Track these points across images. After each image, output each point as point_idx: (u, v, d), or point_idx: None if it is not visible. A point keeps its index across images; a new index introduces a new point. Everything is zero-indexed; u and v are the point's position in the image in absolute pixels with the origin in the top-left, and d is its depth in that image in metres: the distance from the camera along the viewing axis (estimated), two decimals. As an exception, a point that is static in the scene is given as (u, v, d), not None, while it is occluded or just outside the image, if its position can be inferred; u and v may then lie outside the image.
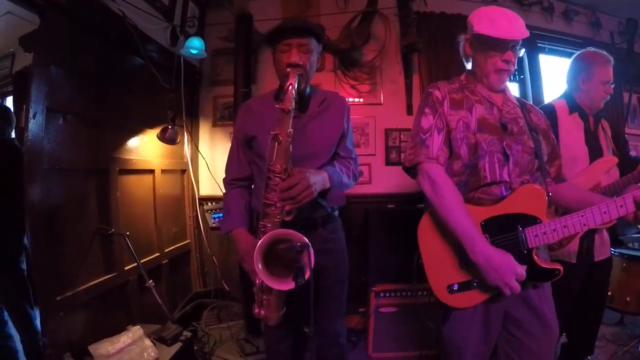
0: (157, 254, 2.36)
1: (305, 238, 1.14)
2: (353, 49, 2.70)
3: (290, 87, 1.23)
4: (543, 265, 1.19)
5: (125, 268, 2.03)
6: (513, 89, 3.28)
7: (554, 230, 1.17)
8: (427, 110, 1.35)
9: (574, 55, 1.88)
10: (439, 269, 1.26)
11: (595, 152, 1.79)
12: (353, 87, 2.90)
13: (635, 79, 3.40)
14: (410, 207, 2.52)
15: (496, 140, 1.28)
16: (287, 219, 1.24)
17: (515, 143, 1.30)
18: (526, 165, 1.30)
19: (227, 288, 2.72)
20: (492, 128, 1.30)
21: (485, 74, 1.33)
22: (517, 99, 1.44)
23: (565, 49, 3.22)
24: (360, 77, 2.86)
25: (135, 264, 1.92)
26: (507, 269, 1.09)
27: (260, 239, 1.21)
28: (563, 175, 1.45)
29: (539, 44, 3.18)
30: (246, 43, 2.51)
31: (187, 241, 2.80)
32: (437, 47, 2.85)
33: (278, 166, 1.23)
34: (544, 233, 1.17)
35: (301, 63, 1.33)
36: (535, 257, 1.19)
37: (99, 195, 1.92)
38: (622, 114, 3.39)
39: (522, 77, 3.18)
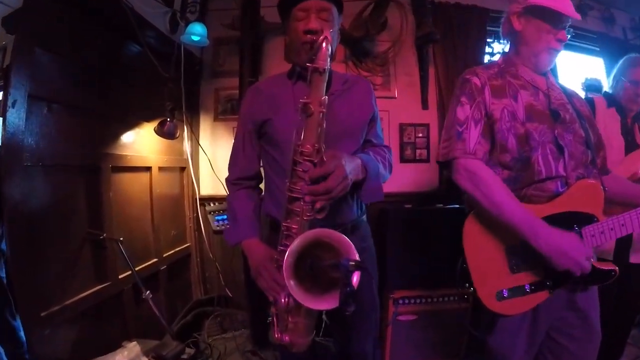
0: (155, 260, 2.15)
1: (352, 245, 0.93)
2: (366, 38, 2.51)
3: (324, 42, 1.00)
4: (599, 267, 1.11)
5: (120, 276, 1.82)
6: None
7: (612, 229, 1.10)
8: (463, 99, 1.22)
9: (623, 58, 1.90)
10: (488, 274, 1.15)
11: (630, 145, 1.79)
12: (365, 79, 2.70)
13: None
14: (429, 207, 2.36)
15: (547, 129, 1.16)
16: (319, 216, 1.00)
17: (567, 132, 1.18)
18: (580, 157, 1.18)
19: (231, 294, 2.52)
20: (541, 116, 1.18)
21: (536, 52, 1.22)
22: (558, 84, 1.31)
23: (580, 44, 3.10)
24: (374, 68, 2.67)
25: (131, 271, 1.71)
26: (577, 249, 1.04)
27: (284, 246, 1.00)
28: (607, 167, 1.32)
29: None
30: (253, 30, 2.31)
31: (187, 244, 2.59)
32: (453, 39, 2.67)
33: (309, 146, 0.98)
34: (602, 232, 1.10)
35: (321, 30, 1.09)
36: (592, 259, 1.10)
37: (89, 195, 1.71)
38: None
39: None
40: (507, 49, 1.33)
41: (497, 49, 2.95)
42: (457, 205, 2.33)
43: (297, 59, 1.20)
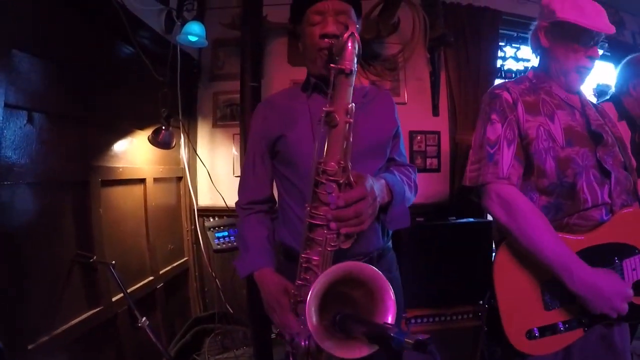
0: (151, 278, 2.00)
1: (387, 283, 0.79)
2: (377, 39, 2.36)
3: (350, 40, 0.85)
4: (637, 303, 1.03)
5: (113, 299, 1.67)
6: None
7: None
8: (494, 116, 1.12)
9: (626, 60, 1.82)
10: (518, 312, 1.06)
11: None
12: (373, 83, 2.56)
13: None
14: (442, 221, 2.23)
15: (589, 152, 1.07)
16: (345, 246, 0.87)
17: (608, 156, 1.09)
18: (624, 182, 1.10)
19: (231, 310, 2.37)
20: (581, 138, 1.09)
21: (565, 71, 1.14)
22: (591, 103, 1.23)
23: None
24: (383, 72, 2.53)
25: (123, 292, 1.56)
26: (617, 293, 0.96)
27: (303, 280, 0.88)
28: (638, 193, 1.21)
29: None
30: (255, 30, 2.15)
31: (185, 259, 2.43)
32: (465, 42, 2.53)
33: (333, 163, 0.84)
34: None
35: (339, 34, 0.95)
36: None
37: (77, 213, 1.54)
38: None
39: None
40: (536, 64, 1.26)
41: (509, 53, 2.84)
42: (471, 219, 2.23)
43: (313, 67, 1.09)
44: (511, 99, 1.13)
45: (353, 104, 0.86)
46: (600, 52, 1.13)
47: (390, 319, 0.78)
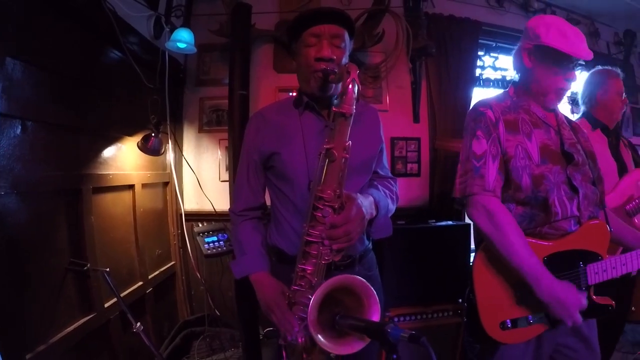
0: (140, 283, 2.01)
1: (374, 292, 0.93)
2: (361, 49, 2.44)
3: (351, 84, 0.96)
4: (598, 302, 1.18)
5: (106, 305, 1.68)
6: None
7: (614, 267, 1.17)
8: (479, 132, 1.20)
9: (589, 74, 1.97)
10: (493, 306, 1.18)
11: (621, 166, 1.86)
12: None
13: (630, 89, 3.43)
14: (423, 224, 2.33)
15: (560, 170, 1.18)
16: (336, 259, 0.99)
17: (577, 172, 1.20)
18: (592, 197, 1.22)
19: (218, 313, 2.41)
20: (554, 156, 1.19)
21: (544, 91, 1.23)
22: (565, 118, 1.34)
23: None
24: (366, 80, 2.61)
25: (116, 298, 1.58)
26: (573, 303, 1.07)
27: (298, 286, 0.99)
28: (605, 202, 1.34)
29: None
30: (244, 38, 2.18)
31: (172, 263, 2.44)
32: (446, 52, 2.64)
33: (329, 192, 0.96)
34: (604, 270, 1.17)
35: (334, 58, 1.07)
36: (592, 294, 1.18)
37: (70, 221, 1.55)
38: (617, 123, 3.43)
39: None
40: (514, 76, 1.34)
41: (487, 62, 2.98)
42: (450, 222, 2.35)
43: (306, 87, 1.16)
44: (494, 118, 1.20)
45: (350, 142, 0.98)
46: (578, 73, 1.22)
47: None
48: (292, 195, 1.15)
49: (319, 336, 0.89)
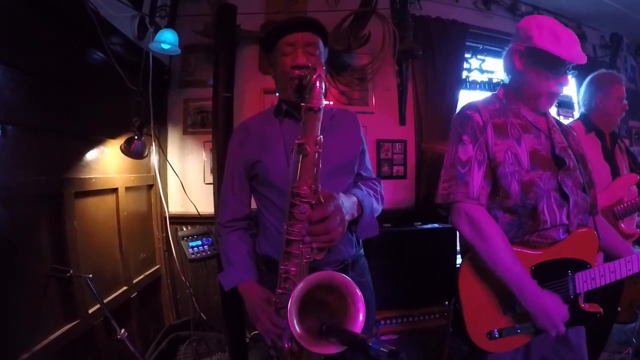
0: (125, 288, 1.97)
1: (355, 287, 0.93)
2: (347, 51, 2.45)
3: (317, 80, 0.98)
4: (587, 310, 1.17)
5: (89, 311, 1.65)
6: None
7: (602, 275, 1.15)
8: (465, 137, 1.17)
9: (589, 78, 1.93)
10: (480, 316, 1.16)
11: (613, 170, 1.84)
12: (342, 92, 2.65)
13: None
14: (408, 227, 2.35)
15: (551, 176, 1.15)
16: (319, 257, 0.99)
17: (568, 178, 1.17)
18: (582, 204, 1.19)
19: (205, 317, 2.39)
20: (544, 162, 1.16)
21: (535, 95, 1.19)
22: (556, 121, 1.30)
23: None
24: (352, 82, 2.62)
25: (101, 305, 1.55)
26: (557, 313, 1.06)
27: (283, 289, 0.99)
28: (597, 207, 1.33)
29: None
30: (229, 39, 2.16)
31: (157, 266, 2.40)
32: (433, 54, 2.66)
33: (305, 187, 0.97)
34: (593, 278, 1.15)
35: (309, 65, 1.08)
36: (580, 302, 1.17)
37: (52, 227, 1.52)
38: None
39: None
40: (503, 77, 1.31)
41: (474, 64, 3.01)
42: (436, 225, 2.37)
43: (284, 94, 1.19)
44: (481, 121, 1.17)
45: (321, 136, 0.99)
46: (570, 77, 1.19)
47: (361, 318, 0.92)
48: (276, 200, 1.16)
49: (296, 326, 0.88)
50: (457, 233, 2.19)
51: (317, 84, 0.99)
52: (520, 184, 1.14)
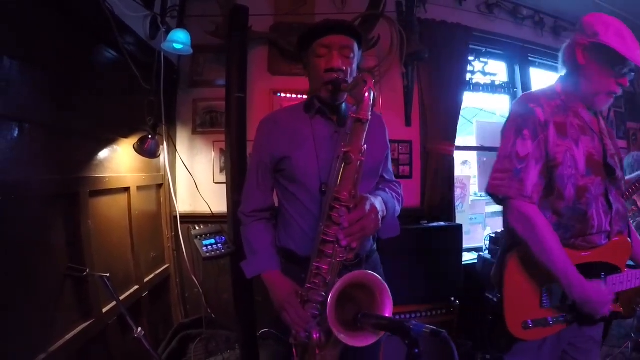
0: (137, 287, 1.98)
1: (385, 285, 0.99)
2: (356, 53, 2.47)
3: (367, 92, 1.01)
4: (611, 309, 1.20)
5: (104, 310, 1.65)
6: (505, 101, 3.29)
7: (629, 280, 1.23)
8: (526, 132, 1.17)
9: None
10: (519, 307, 1.22)
11: None
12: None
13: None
14: (415, 226, 2.39)
15: (601, 182, 1.18)
16: (349, 257, 1.06)
17: (614, 187, 1.21)
18: (622, 211, 1.23)
19: (213, 315, 2.40)
20: (597, 167, 1.18)
21: (595, 92, 1.19)
22: (605, 126, 1.30)
23: (554, 64, 3.21)
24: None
25: (114, 302, 1.58)
26: (602, 299, 1.12)
27: (312, 284, 1.04)
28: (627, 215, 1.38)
29: (530, 58, 3.18)
30: (241, 39, 2.18)
31: (166, 265, 2.41)
32: (438, 57, 2.69)
33: (345, 193, 1.03)
34: (621, 282, 1.22)
35: (344, 68, 1.11)
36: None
37: (67, 226, 1.52)
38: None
39: (515, 90, 3.16)
40: (562, 73, 1.28)
41: (477, 67, 3.05)
42: (442, 223, 2.41)
43: (318, 94, 1.20)
44: (543, 118, 1.16)
45: (365, 146, 1.03)
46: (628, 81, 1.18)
47: (388, 314, 0.97)
48: (302, 198, 1.18)
49: (338, 330, 0.93)
50: (462, 230, 2.23)
51: (367, 96, 1.01)
52: (576, 188, 1.16)
